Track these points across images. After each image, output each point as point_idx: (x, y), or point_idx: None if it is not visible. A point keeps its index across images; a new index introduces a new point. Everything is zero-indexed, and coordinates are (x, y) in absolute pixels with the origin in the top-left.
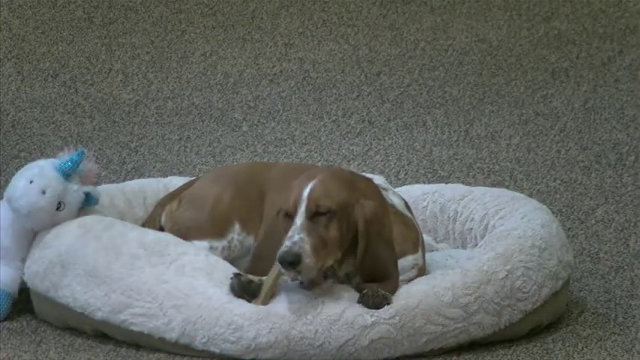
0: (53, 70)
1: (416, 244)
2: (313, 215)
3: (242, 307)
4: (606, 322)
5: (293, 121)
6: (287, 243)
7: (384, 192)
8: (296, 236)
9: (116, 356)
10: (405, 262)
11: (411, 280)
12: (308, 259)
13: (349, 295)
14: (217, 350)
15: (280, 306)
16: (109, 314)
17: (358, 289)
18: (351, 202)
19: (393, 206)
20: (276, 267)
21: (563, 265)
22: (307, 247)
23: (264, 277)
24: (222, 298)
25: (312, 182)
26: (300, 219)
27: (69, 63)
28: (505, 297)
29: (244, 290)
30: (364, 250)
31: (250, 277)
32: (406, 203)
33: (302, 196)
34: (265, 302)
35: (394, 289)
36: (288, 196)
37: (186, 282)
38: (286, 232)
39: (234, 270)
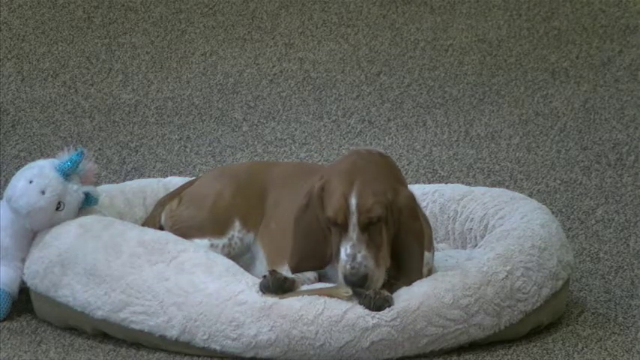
0: (53, 70)
1: (430, 242)
2: (366, 226)
3: (243, 304)
4: (606, 322)
5: (293, 121)
6: (351, 263)
7: None
8: (358, 255)
9: (116, 356)
10: None
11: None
12: (373, 274)
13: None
14: (218, 347)
15: (282, 305)
16: (109, 313)
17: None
18: (390, 197)
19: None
20: (342, 286)
21: (563, 265)
22: (371, 262)
23: (300, 275)
24: (223, 295)
25: (355, 188)
26: (354, 233)
27: (69, 63)
28: (505, 298)
29: (280, 287)
30: (394, 240)
31: (285, 274)
32: None
33: (350, 208)
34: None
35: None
36: (330, 201)
37: (187, 279)
38: (333, 237)
39: (235, 265)
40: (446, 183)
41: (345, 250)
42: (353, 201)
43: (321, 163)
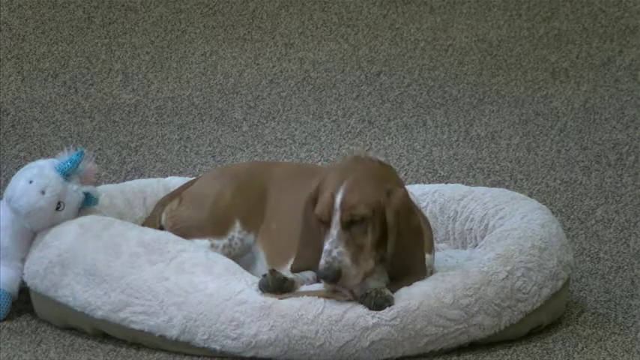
0: (53, 70)
1: (431, 243)
2: (348, 224)
3: (243, 303)
4: (606, 322)
5: (293, 121)
6: (326, 258)
7: None
8: (334, 251)
9: (116, 356)
10: None
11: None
12: (348, 271)
13: None
14: (218, 347)
15: (282, 305)
16: (109, 313)
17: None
18: (382, 200)
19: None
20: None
21: (563, 266)
22: (347, 259)
23: (299, 275)
24: (223, 295)
25: (343, 186)
26: (335, 229)
27: (69, 63)
28: (505, 298)
29: (279, 286)
30: (394, 243)
31: (285, 274)
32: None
33: (334, 205)
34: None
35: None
36: (320, 199)
37: (187, 279)
38: (322, 237)
39: (235, 264)
40: (446, 183)
41: (324, 247)
42: (338, 198)
43: (321, 164)
